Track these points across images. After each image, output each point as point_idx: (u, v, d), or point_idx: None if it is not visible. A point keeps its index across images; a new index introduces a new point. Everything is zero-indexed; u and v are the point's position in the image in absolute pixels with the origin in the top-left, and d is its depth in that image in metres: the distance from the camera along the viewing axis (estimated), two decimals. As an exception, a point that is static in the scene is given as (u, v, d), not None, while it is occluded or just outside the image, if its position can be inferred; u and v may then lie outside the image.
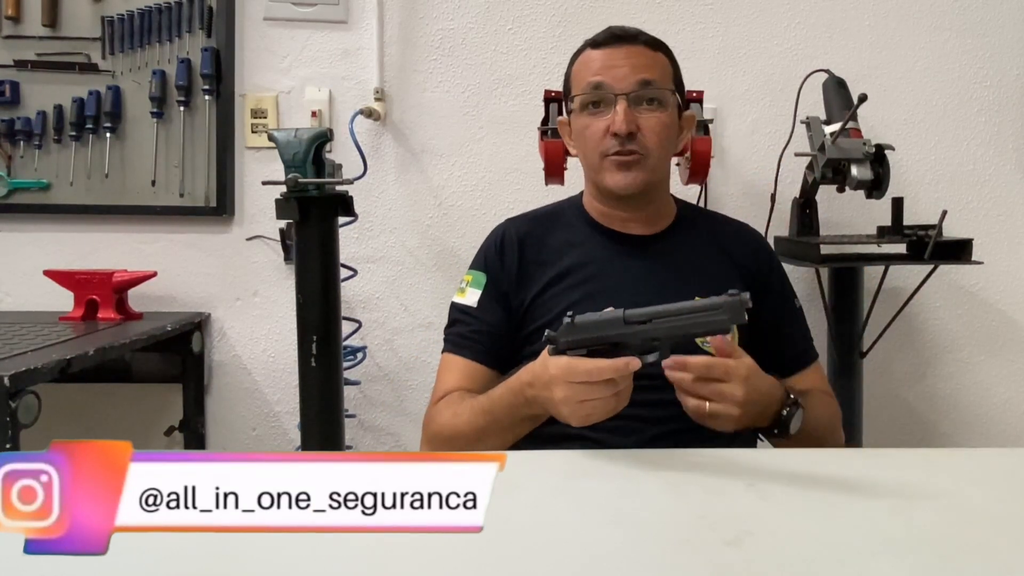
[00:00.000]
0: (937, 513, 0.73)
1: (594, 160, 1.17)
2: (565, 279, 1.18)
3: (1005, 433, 2.00)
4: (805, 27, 1.95)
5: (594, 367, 0.86)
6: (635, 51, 1.16)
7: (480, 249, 1.26)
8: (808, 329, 1.27)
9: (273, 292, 1.98)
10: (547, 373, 0.91)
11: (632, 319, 0.86)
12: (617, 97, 1.13)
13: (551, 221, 1.25)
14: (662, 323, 0.86)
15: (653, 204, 1.22)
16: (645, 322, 0.86)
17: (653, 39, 1.19)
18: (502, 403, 1.02)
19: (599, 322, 0.88)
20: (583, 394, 0.88)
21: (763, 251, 1.28)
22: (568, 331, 0.89)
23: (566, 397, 0.88)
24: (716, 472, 0.84)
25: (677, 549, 0.64)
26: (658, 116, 1.15)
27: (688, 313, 0.86)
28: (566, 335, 0.89)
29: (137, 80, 1.94)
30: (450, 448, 1.07)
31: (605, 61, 1.16)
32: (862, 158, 1.61)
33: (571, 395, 0.88)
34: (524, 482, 0.83)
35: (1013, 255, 1.98)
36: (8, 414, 1.18)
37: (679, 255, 1.21)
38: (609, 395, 0.87)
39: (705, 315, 0.85)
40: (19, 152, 1.94)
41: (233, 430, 2.01)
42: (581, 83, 1.17)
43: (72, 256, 1.95)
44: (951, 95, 1.96)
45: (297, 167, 1.46)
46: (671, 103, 1.17)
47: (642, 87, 1.13)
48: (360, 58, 1.95)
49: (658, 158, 1.17)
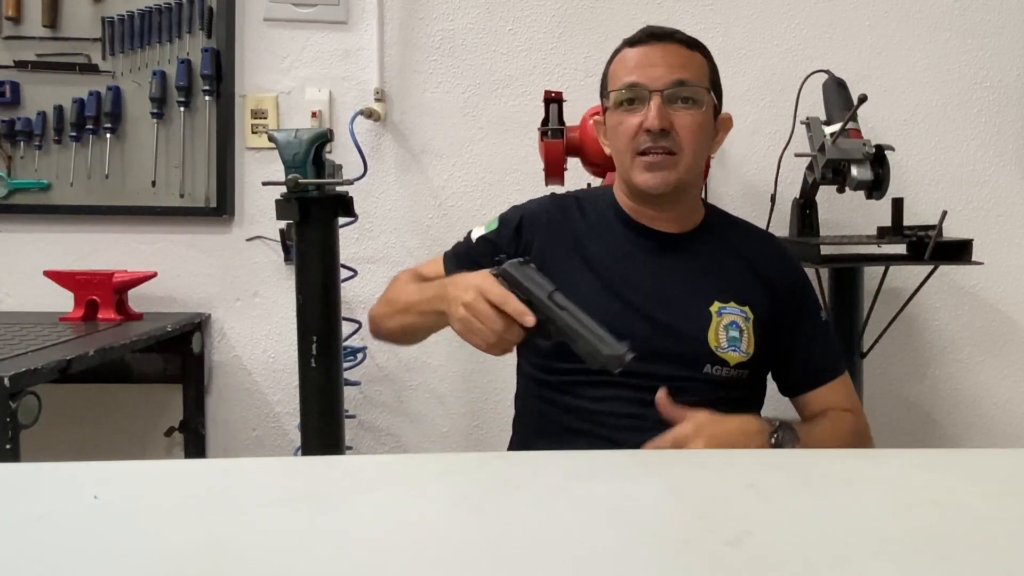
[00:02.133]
0: (937, 513, 0.73)
1: (626, 157, 1.16)
2: (584, 265, 1.18)
3: (1005, 433, 2.00)
4: (805, 28, 1.95)
5: (503, 295, 0.98)
6: (671, 49, 1.15)
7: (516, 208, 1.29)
8: (835, 344, 1.24)
9: (273, 293, 1.99)
10: (475, 279, 1.01)
11: (555, 299, 0.96)
12: (652, 93, 1.12)
13: (586, 205, 1.26)
14: (567, 320, 0.95)
15: (683, 204, 1.21)
16: (562, 308, 0.95)
17: (690, 38, 1.19)
18: (431, 288, 1.13)
19: (534, 279, 0.99)
20: (482, 313, 0.98)
21: (788, 262, 1.25)
22: (514, 267, 1.01)
23: (469, 303, 0.99)
24: (716, 472, 0.84)
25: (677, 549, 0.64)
26: (692, 115, 1.13)
27: (586, 330, 0.94)
28: (510, 268, 1.01)
29: (137, 81, 1.94)
30: (381, 309, 1.25)
31: (641, 59, 1.15)
32: (862, 159, 1.61)
33: (474, 304, 0.99)
34: (524, 482, 0.83)
35: (1013, 255, 1.98)
36: (8, 415, 1.18)
37: (701, 258, 1.20)
38: (495, 328, 0.97)
39: (590, 344, 0.93)
40: (19, 153, 1.94)
41: (233, 431, 2.01)
42: (617, 81, 1.17)
43: (72, 257, 1.95)
44: (951, 96, 1.96)
45: (297, 168, 1.46)
46: (707, 103, 1.16)
47: (677, 85, 1.13)
48: (360, 59, 1.96)
49: (692, 157, 1.15)
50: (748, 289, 1.18)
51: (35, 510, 0.72)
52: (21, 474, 0.86)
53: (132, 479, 0.83)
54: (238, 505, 0.75)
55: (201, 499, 0.76)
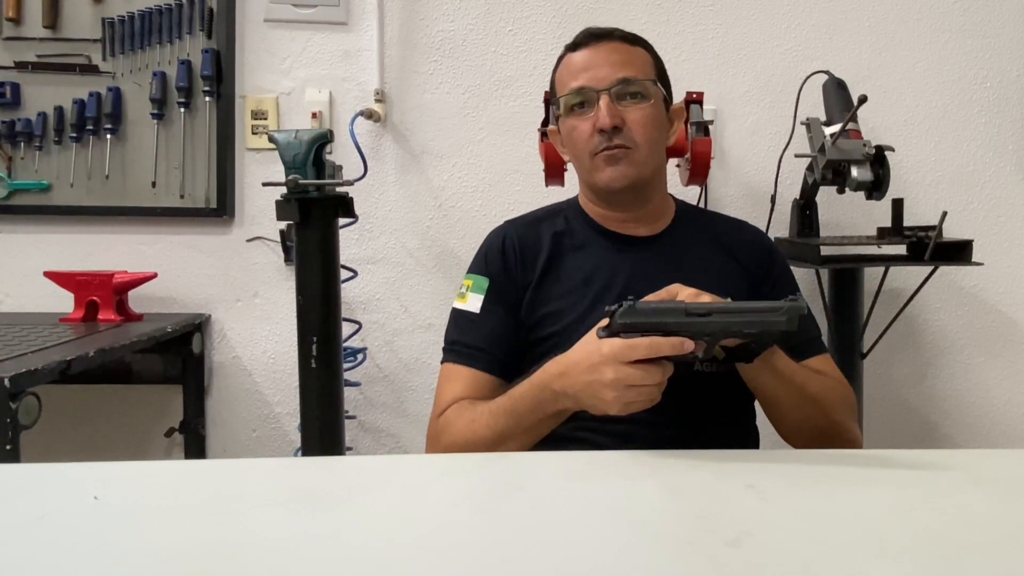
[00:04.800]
0: (937, 513, 0.73)
1: (585, 160, 1.16)
2: (569, 282, 1.17)
3: (1005, 434, 2.00)
4: (805, 28, 1.95)
5: (654, 342, 0.86)
6: (612, 47, 1.15)
7: (479, 252, 1.23)
8: (815, 323, 1.23)
9: (273, 293, 1.99)
10: (598, 354, 0.89)
11: (693, 311, 0.87)
12: (599, 94, 1.12)
13: (551, 223, 1.23)
14: (721, 318, 0.86)
15: (650, 202, 1.21)
16: (704, 315, 0.87)
17: (629, 34, 1.19)
18: (525, 400, 1.00)
19: (660, 309, 0.88)
20: (635, 376, 0.87)
21: (764, 246, 1.26)
22: (628, 314, 0.88)
23: (617, 379, 0.88)
24: (716, 473, 0.84)
25: (677, 550, 0.64)
26: (642, 109, 1.14)
27: (747, 312, 0.87)
28: (626, 317, 0.88)
29: (138, 81, 1.94)
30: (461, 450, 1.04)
31: (585, 62, 1.15)
32: (862, 159, 1.61)
33: (623, 376, 0.87)
34: (524, 483, 0.83)
35: (1013, 256, 1.98)
36: (8, 415, 1.18)
37: (682, 254, 1.20)
38: (656, 380, 0.87)
39: (762, 315, 0.86)
40: (20, 153, 1.94)
41: (233, 431, 2.01)
42: (564, 87, 1.17)
43: (72, 257, 1.95)
44: (951, 96, 1.96)
45: (297, 168, 1.46)
46: (655, 95, 1.16)
47: (622, 83, 1.13)
48: (360, 59, 1.96)
49: (647, 151, 1.15)
50: (728, 280, 1.17)
51: (35, 511, 0.72)
52: (21, 475, 0.86)
53: (132, 480, 0.83)
54: (238, 506, 0.75)
55: (201, 500, 0.76)
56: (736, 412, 1.16)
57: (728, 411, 1.14)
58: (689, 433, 1.05)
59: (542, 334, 1.14)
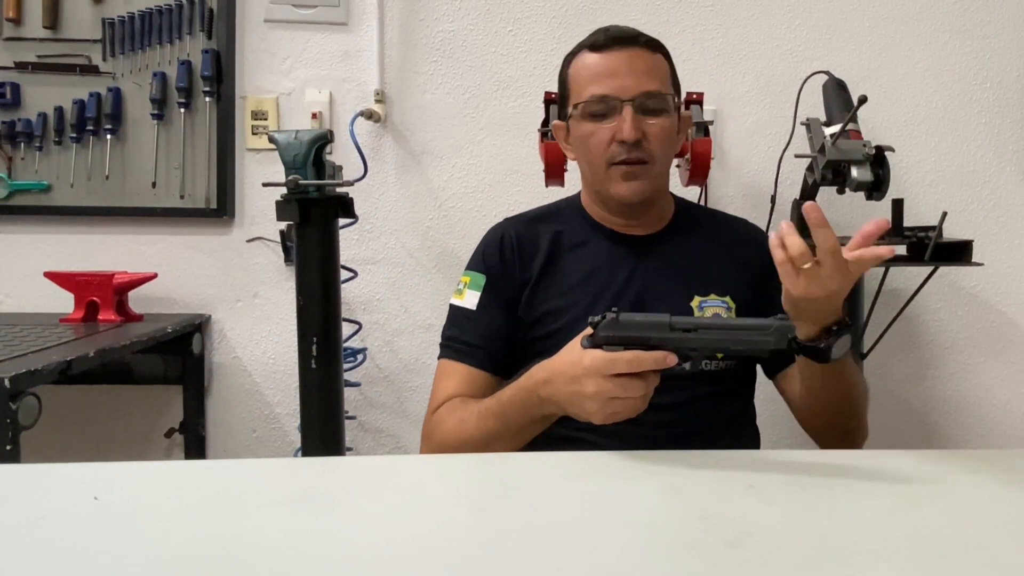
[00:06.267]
0: (937, 513, 0.73)
1: (599, 168, 1.15)
2: (568, 280, 1.17)
3: (1005, 434, 2.00)
4: (805, 29, 1.95)
5: (635, 357, 0.85)
6: (636, 55, 1.13)
7: (478, 249, 1.23)
8: None
9: (273, 294, 1.99)
10: (579, 366, 0.89)
11: (677, 326, 0.86)
12: (623, 104, 1.11)
13: (551, 221, 1.24)
14: (706, 335, 0.86)
15: (655, 207, 1.22)
16: (689, 331, 0.86)
17: (651, 40, 1.18)
18: (513, 404, 1.00)
19: (643, 323, 0.87)
20: (617, 390, 0.87)
21: (763, 245, 1.26)
22: (610, 326, 0.87)
23: (598, 392, 0.87)
24: (716, 473, 0.84)
25: (677, 550, 0.64)
26: (661, 122, 1.13)
27: (733, 329, 0.86)
28: (608, 330, 0.87)
29: (138, 82, 1.94)
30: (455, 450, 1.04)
31: (608, 68, 1.13)
32: (862, 160, 1.60)
33: (604, 390, 0.87)
34: (524, 483, 0.83)
35: (1013, 256, 1.98)
36: (8, 416, 1.18)
37: (681, 254, 1.20)
38: (638, 393, 0.87)
39: (750, 334, 0.85)
40: (20, 154, 1.94)
41: (233, 432, 2.01)
42: (582, 90, 1.15)
43: (72, 258, 1.95)
44: (951, 97, 1.96)
45: (297, 169, 1.46)
46: (672, 107, 1.16)
47: (646, 96, 1.12)
48: (360, 60, 1.96)
49: (662, 165, 1.16)
50: (727, 278, 1.18)
51: (35, 511, 0.72)
52: (22, 475, 0.86)
53: (132, 480, 0.83)
54: (238, 506, 0.75)
55: (201, 500, 0.76)
56: (736, 412, 1.16)
57: (728, 411, 1.14)
58: (689, 433, 1.05)
59: (541, 332, 1.15)
